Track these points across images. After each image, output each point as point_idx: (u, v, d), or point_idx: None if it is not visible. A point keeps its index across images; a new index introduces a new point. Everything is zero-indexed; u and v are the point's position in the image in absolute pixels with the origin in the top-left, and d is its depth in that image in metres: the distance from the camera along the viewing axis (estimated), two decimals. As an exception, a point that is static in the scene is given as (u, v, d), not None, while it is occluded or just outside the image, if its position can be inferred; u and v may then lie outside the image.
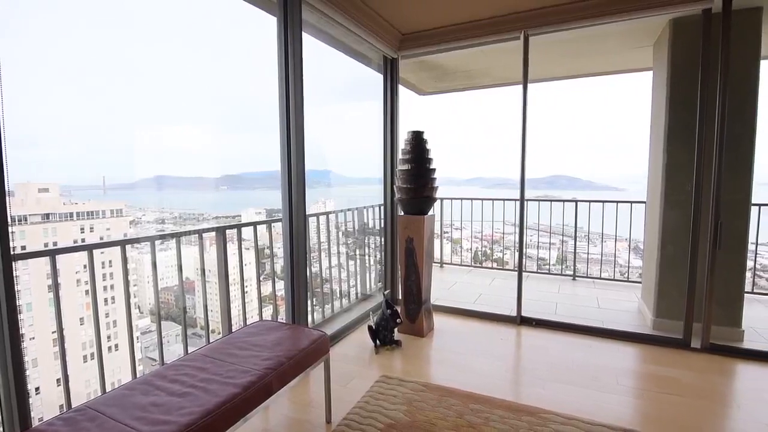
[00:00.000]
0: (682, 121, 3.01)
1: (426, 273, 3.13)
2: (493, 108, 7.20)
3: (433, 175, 3.12)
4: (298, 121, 2.48)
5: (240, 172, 4.05)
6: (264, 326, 2.08)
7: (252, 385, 1.53)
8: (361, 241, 3.94)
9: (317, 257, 3.38)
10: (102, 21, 2.34)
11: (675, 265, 3.08)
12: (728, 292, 2.93)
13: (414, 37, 3.54)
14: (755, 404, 2.21)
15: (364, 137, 3.98)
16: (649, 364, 2.69)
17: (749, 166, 2.86)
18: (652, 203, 3.47)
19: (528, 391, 2.36)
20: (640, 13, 2.85)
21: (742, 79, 2.82)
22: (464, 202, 5.68)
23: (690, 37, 2.92)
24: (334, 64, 3.54)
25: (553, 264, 5.69)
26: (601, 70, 4.59)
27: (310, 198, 4.10)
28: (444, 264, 5.73)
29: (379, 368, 2.59)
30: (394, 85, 3.74)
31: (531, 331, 3.23)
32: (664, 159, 3.12)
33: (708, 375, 2.53)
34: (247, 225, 2.75)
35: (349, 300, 3.74)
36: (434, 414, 2.04)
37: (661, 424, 2.02)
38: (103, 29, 2.34)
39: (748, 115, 2.83)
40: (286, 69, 2.46)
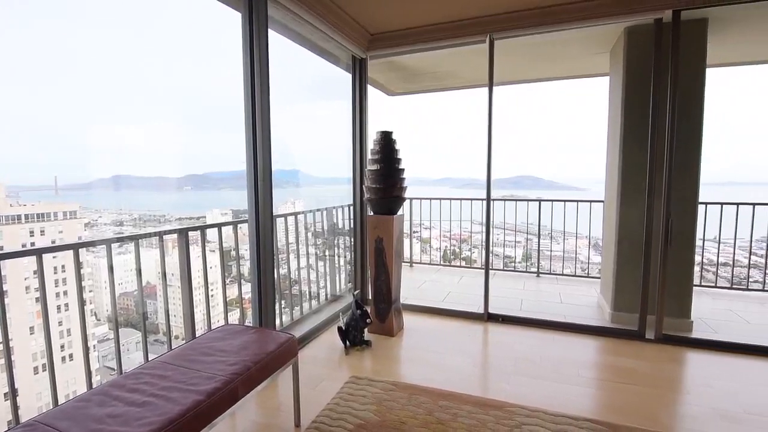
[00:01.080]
0: (637, 124, 3.17)
1: (395, 272, 3.15)
2: (461, 109, 7.34)
3: (402, 175, 3.14)
4: (264, 119, 2.43)
5: (205, 171, 3.92)
6: (230, 330, 2.02)
7: (217, 391, 1.48)
8: (331, 241, 3.92)
9: (286, 259, 3.33)
10: (51, 11, 2.21)
11: (631, 261, 3.24)
12: (679, 286, 3.12)
13: (382, 37, 3.55)
14: (703, 390, 2.36)
15: (333, 137, 3.96)
16: (608, 356, 2.82)
17: (696, 167, 3.05)
18: (610, 202, 3.64)
19: (495, 385, 2.42)
20: (596, 21, 2.99)
21: (690, 85, 3.00)
22: (433, 202, 5.76)
23: (643, 44, 3.09)
24: (303, 63, 3.50)
25: (519, 261, 5.86)
26: (563, 75, 4.77)
27: (279, 198, 4.03)
28: (414, 263, 5.78)
29: (349, 369, 2.58)
30: (363, 85, 3.74)
31: (498, 327, 3.31)
32: (620, 160, 3.28)
33: (661, 364, 2.68)
34: (212, 226, 2.67)
35: (318, 301, 3.70)
36: (404, 412, 2.06)
37: (619, 412, 2.12)
38: (52, 20, 2.21)
39: (695, 119, 3.02)
40: (251, 66, 2.40)
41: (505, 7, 3.05)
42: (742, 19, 3.05)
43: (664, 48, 2.92)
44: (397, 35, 3.50)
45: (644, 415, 2.09)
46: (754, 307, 3.88)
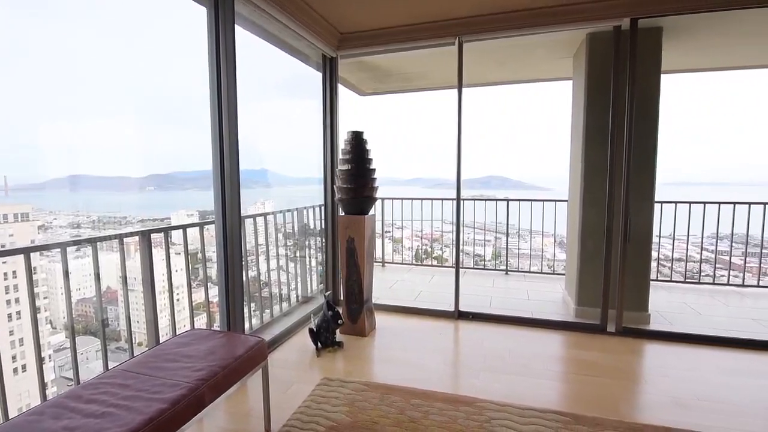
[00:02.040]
0: (598, 126, 3.30)
1: (367, 272, 3.15)
2: (432, 110, 7.42)
3: (374, 175, 3.14)
4: (231, 117, 2.37)
5: (169, 171, 3.78)
6: (196, 335, 1.97)
7: (182, 398, 1.44)
8: (302, 242, 3.87)
9: (255, 260, 3.26)
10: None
11: (593, 257, 3.38)
12: (637, 281, 3.28)
13: (353, 37, 3.54)
14: (660, 379, 2.49)
15: (304, 136, 3.91)
16: (572, 349, 2.93)
17: (653, 168, 3.22)
18: (573, 201, 3.78)
19: (465, 382, 2.46)
20: (559, 27, 3.09)
21: (647, 90, 3.16)
22: (405, 202, 5.79)
23: (604, 50, 3.22)
24: (272, 61, 3.44)
25: (489, 260, 5.99)
26: (529, 78, 4.91)
27: (248, 199, 3.94)
28: (386, 263, 5.80)
29: (321, 371, 2.56)
30: (334, 85, 3.72)
31: (468, 325, 3.38)
32: (583, 161, 3.41)
33: (621, 356, 2.80)
34: (176, 228, 2.58)
35: (289, 303, 3.65)
36: (376, 412, 2.06)
37: (583, 403, 2.20)
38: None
39: (651, 122, 3.18)
40: (217, 63, 2.34)
41: (474, 11, 3.10)
42: (694, 28, 3.24)
43: (622, 54, 3.05)
44: (367, 35, 3.50)
45: (605, 405, 2.18)
46: (705, 299, 4.13)
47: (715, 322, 3.48)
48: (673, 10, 2.84)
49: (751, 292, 4.36)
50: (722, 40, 3.54)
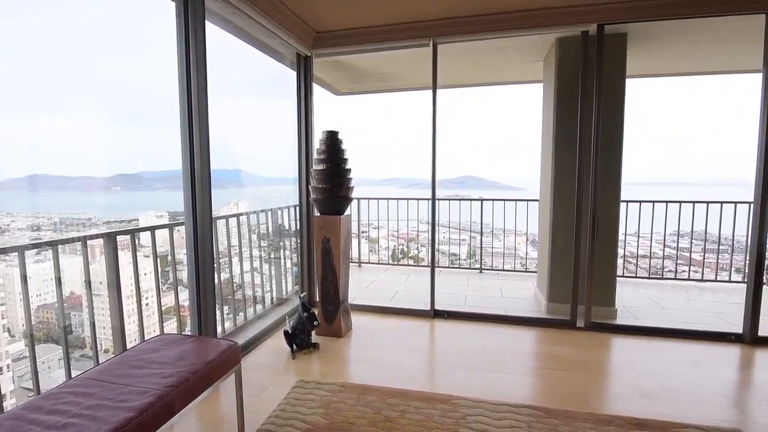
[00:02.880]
0: (567, 128, 3.40)
1: (343, 273, 3.13)
2: (407, 111, 7.46)
3: (349, 175, 3.13)
4: (202, 115, 2.31)
5: (137, 170, 3.65)
6: (165, 341, 1.90)
7: (150, 406, 1.39)
8: (277, 243, 3.81)
9: (228, 262, 3.19)
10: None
11: (563, 255, 3.48)
12: (604, 277, 3.40)
13: (327, 36, 3.51)
14: (627, 371, 2.59)
15: (279, 136, 3.85)
16: (544, 345, 3.01)
17: (619, 168, 3.34)
18: (544, 201, 3.88)
19: (441, 380, 2.49)
20: (530, 31, 3.17)
21: (613, 94, 3.28)
22: (381, 202, 5.80)
23: (572, 54, 3.32)
24: (245, 58, 3.37)
25: (464, 259, 6.08)
26: (502, 80, 5.02)
27: (221, 199, 3.85)
28: (362, 263, 5.79)
29: (296, 373, 2.53)
30: (308, 84, 3.68)
31: (444, 323, 3.41)
32: (553, 162, 3.51)
33: (591, 350, 2.90)
34: (144, 230, 2.50)
35: (264, 306, 3.59)
36: (352, 413, 2.06)
37: (555, 397, 2.27)
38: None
39: (617, 124, 3.31)
40: (187, 59, 2.28)
41: (448, 13, 3.14)
42: (657, 35, 3.38)
43: (590, 58, 3.16)
44: (342, 34, 3.48)
45: (576, 398, 2.25)
46: (667, 294, 4.33)
47: (678, 316, 3.65)
48: (637, 17, 2.96)
49: (710, 286, 4.59)
50: (682, 46, 3.72)
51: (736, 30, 3.23)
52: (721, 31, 3.31)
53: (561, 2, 2.95)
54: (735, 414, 2.12)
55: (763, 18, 2.79)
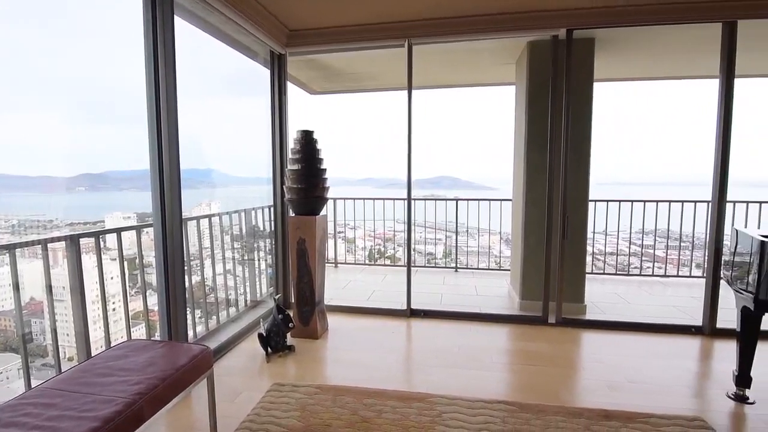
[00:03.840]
0: (538, 130, 3.49)
1: (319, 274, 3.11)
2: (383, 111, 7.48)
3: (325, 175, 3.10)
4: (171, 113, 2.25)
5: (103, 170, 3.50)
6: (133, 347, 1.84)
7: (117, 415, 1.34)
8: (251, 244, 3.74)
9: (200, 265, 3.11)
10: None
11: (535, 253, 3.56)
12: (574, 274, 3.51)
13: (302, 34, 3.47)
14: (595, 365, 2.68)
15: (252, 135, 3.78)
16: (517, 341, 3.08)
17: (587, 168, 3.45)
18: (517, 200, 3.97)
19: (418, 378, 2.51)
20: (502, 34, 3.24)
21: (582, 96, 3.39)
22: (357, 202, 5.78)
23: (543, 58, 3.41)
24: (217, 55, 3.29)
25: (440, 258, 6.14)
26: (476, 82, 5.09)
27: (193, 200, 3.75)
28: (339, 264, 5.76)
29: (271, 377, 2.49)
30: (282, 82, 3.63)
31: (420, 322, 3.44)
32: (525, 163, 3.59)
33: (561, 345, 2.98)
34: (109, 231, 2.41)
35: (237, 308, 3.52)
36: (329, 415, 2.04)
37: (528, 392, 2.32)
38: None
39: (585, 127, 3.41)
40: (155, 54, 2.21)
41: (423, 14, 3.16)
42: (623, 41, 3.52)
43: (560, 62, 3.25)
44: (316, 33, 3.45)
45: (548, 392, 2.31)
46: (633, 289, 4.51)
47: (642, 310, 3.81)
48: (603, 23, 3.07)
49: (672, 281, 4.81)
50: (646, 52, 3.89)
51: (696, 38, 3.39)
52: (683, 39, 3.47)
53: (532, 7, 3.03)
54: (696, 403, 2.23)
55: (719, 27, 2.95)
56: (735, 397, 2.24)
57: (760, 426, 2.01)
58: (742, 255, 2.23)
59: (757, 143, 5.96)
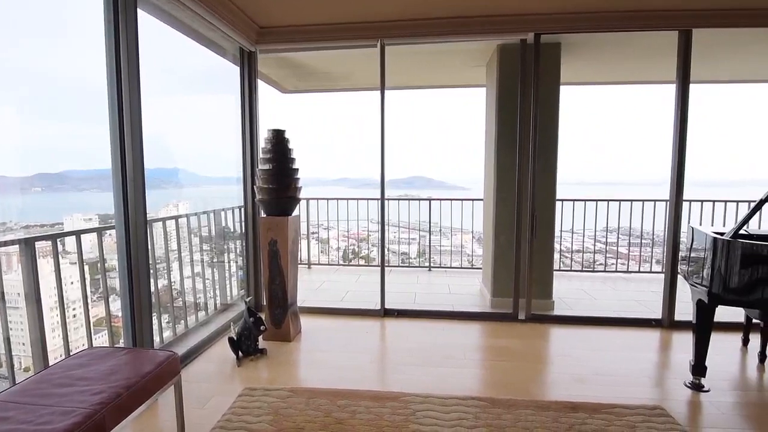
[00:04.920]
0: (508, 131, 3.57)
1: (292, 275, 3.07)
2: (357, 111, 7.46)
3: (297, 175, 3.06)
4: (134, 109, 2.16)
5: (61, 169, 3.33)
6: (94, 355, 1.76)
7: (77, 427, 1.27)
8: (221, 246, 3.65)
9: (167, 268, 3.01)
10: None
11: (505, 251, 3.64)
12: (542, 271, 3.61)
13: (273, 31, 3.42)
14: (563, 359, 2.77)
15: (222, 133, 3.69)
16: (489, 338, 3.14)
17: (554, 168, 3.56)
18: (488, 200, 4.05)
19: (392, 377, 2.51)
20: (473, 37, 3.30)
21: (549, 99, 3.49)
22: (330, 202, 5.74)
23: (512, 61, 3.49)
24: (184, 51, 3.19)
25: (414, 257, 6.18)
26: (448, 83, 5.17)
27: (159, 200, 3.62)
28: (312, 265, 5.70)
29: (243, 381, 2.44)
30: (253, 80, 3.56)
31: (393, 322, 3.45)
32: (495, 163, 3.67)
33: (531, 340, 3.06)
34: (67, 234, 2.29)
35: (207, 312, 3.42)
36: (302, 418, 2.02)
37: (499, 387, 2.37)
38: None
39: (552, 128, 3.52)
40: (117, 49, 2.11)
41: (395, 15, 3.17)
42: (587, 46, 3.64)
43: (527, 65, 3.34)
44: (288, 30, 3.40)
45: (518, 387, 2.36)
46: (598, 285, 4.68)
47: (607, 305, 3.96)
48: (569, 29, 3.17)
49: (634, 277, 5.03)
50: (609, 57, 4.04)
51: (655, 45, 3.56)
52: (643, 46, 3.64)
53: (501, 11, 3.09)
54: (657, 392, 2.34)
55: (676, 35, 3.10)
56: (692, 385, 2.36)
57: (714, 412, 2.13)
58: (698, 251, 2.36)
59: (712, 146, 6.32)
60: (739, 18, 2.98)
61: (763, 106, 6.25)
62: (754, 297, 2.10)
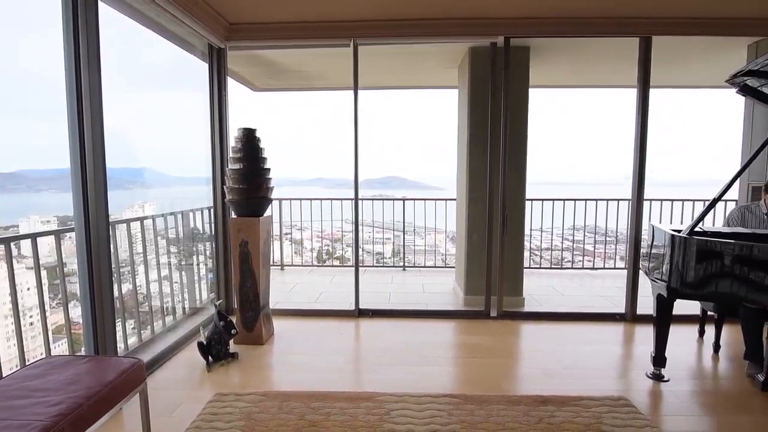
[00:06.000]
0: (479, 132, 3.64)
1: (264, 277, 3.01)
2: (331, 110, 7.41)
3: (268, 174, 3.01)
4: (94, 106, 2.06)
5: (16, 169, 3.14)
6: (53, 364, 1.67)
7: (32, 441, 1.20)
8: (189, 248, 3.54)
9: (132, 271, 2.89)
10: None
11: (478, 250, 3.71)
12: (513, 269, 3.70)
13: (243, 28, 3.34)
14: (533, 354, 2.85)
15: (190, 132, 3.58)
16: (462, 335, 3.19)
17: (524, 169, 3.65)
18: (461, 200, 4.11)
19: (366, 378, 2.51)
20: (445, 39, 3.36)
21: (518, 101, 3.57)
22: (304, 202, 5.67)
23: (483, 63, 3.55)
24: (149, 47, 3.08)
25: (389, 257, 6.20)
26: (422, 84, 5.21)
27: (124, 201, 3.48)
28: (285, 266, 5.62)
29: (213, 387, 2.37)
30: (222, 77, 3.47)
31: (368, 322, 3.45)
32: (467, 164, 3.72)
33: (502, 337, 3.13)
34: (23, 237, 2.16)
35: (175, 317, 3.31)
36: (275, 422, 1.98)
37: (472, 384, 2.41)
38: None
39: (522, 130, 3.61)
40: (76, 43, 2.01)
41: (368, 15, 3.17)
42: (554, 50, 3.76)
43: (498, 68, 3.40)
44: (259, 28, 3.33)
45: (490, 383, 2.41)
46: (566, 281, 4.84)
47: (575, 301, 4.10)
48: (537, 33, 3.26)
49: (600, 273, 5.22)
50: (575, 61, 4.19)
51: (618, 51, 3.70)
52: (607, 51, 3.79)
53: (473, 14, 3.14)
54: (621, 383, 2.44)
55: (637, 41, 3.24)
56: (653, 376, 2.47)
57: (673, 400, 2.25)
58: (658, 248, 2.48)
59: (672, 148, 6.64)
60: (692, 27, 3.15)
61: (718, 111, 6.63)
62: (709, 290, 2.22)
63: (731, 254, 2.10)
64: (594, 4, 2.96)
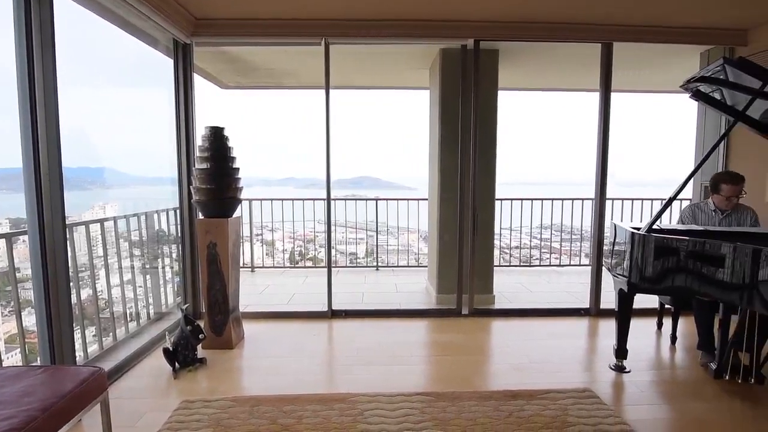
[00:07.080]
0: (450, 133, 3.69)
1: (233, 279, 2.94)
2: (303, 109, 7.31)
3: (237, 174, 2.94)
4: (49, 102, 1.95)
5: (-37, 168, 2.94)
6: (5, 375, 1.56)
7: (-21, 459, 1.13)
8: (154, 251, 3.41)
9: (91, 276, 2.75)
10: None
11: (449, 249, 3.76)
12: (483, 267, 3.77)
13: (210, 24, 3.25)
14: (503, 350, 2.92)
15: (154, 130, 3.45)
16: (434, 334, 3.22)
17: (493, 170, 3.73)
18: (433, 200, 4.15)
19: (339, 378, 2.50)
20: (416, 40, 3.38)
21: (488, 103, 3.65)
22: (275, 202, 5.57)
23: (454, 65, 3.60)
24: (110, 40, 2.94)
25: (362, 257, 6.19)
26: (395, 84, 5.23)
27: (83, 202, 3.31)
28: (256, 268, 5.51)
29: (180, 394, 2.29)
30: (188, 74, 3.36)
31: (341, 323, 3.43)
32: (439, 164, 3.77)
33: (473, 334, 3.19)
34: (-31, 242, 2.02)
35: (139, 323, 3.18)
36: (245, 428, 1.94)
37: (443, 381, 2.44)
38: None
39: (491, 131, 3.68)
40: (28, 35, 1.90)
41: (340, 14, 3.15)
42: (521, 53, 3.85)
43: (468, 70, 3.46)
44: (227, 24, 3.25)
45: (461, 380, 2.45)
46: (534, 278, 4.98)
47: (542, 297, 4.23)
48: (506, 37, 3.34)
49: (566, 270, 5.41)
50: (541, 65, 4.31)
51: (583, 55, 3.84)
52: (571, 56, 3.92)
53: (443, 16, 3.18)
54: (586, 376, 2.54)
55: (599, 47, 3.37)
56: (615, 368, 2.58)
57: (634, 390, 2.35)
58: (619, 245, 2.59)
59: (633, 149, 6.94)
60: (650, 34, 3.31)
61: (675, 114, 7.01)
62: (665, 285, 2.34)
63: (685, 250, 2.22)
64: (559, 10, 3.06)
